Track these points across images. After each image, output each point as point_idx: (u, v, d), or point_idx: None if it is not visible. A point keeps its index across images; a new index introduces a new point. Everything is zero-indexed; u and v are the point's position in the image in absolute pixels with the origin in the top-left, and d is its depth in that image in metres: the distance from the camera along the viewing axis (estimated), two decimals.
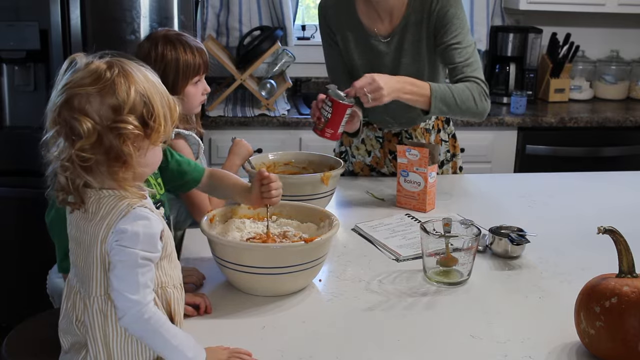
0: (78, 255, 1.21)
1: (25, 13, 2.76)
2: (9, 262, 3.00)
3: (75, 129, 1.13)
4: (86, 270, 1.18)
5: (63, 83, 1.16)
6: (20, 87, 2.89)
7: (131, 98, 1.14)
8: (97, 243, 1.15)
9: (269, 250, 1.46)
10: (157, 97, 1.18)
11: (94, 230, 1.16)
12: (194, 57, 1.79)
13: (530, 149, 3.36)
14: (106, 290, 1.17)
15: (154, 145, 1.19)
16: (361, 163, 2.42)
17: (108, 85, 1.14)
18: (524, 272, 1.65)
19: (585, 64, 3.88)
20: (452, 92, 2.04)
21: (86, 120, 1.12)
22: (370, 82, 1.90)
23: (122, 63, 1.18)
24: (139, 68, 1.20)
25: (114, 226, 1.14)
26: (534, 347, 1.31)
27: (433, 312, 1.46)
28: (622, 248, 1.28)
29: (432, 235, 1.56)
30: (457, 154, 2.44)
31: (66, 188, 1.17)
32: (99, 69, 1.15)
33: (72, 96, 1.14)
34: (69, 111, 1.14)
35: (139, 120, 1.15)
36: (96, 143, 1.13)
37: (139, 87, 1.16)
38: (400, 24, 2.15)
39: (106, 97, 1.14)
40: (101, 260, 1.16)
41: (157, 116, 1.17)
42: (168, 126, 1.20)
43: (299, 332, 1.37)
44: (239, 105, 3.36)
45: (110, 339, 1.18)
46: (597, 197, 2.22)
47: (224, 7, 3.57)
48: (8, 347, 1.54)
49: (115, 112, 1.14)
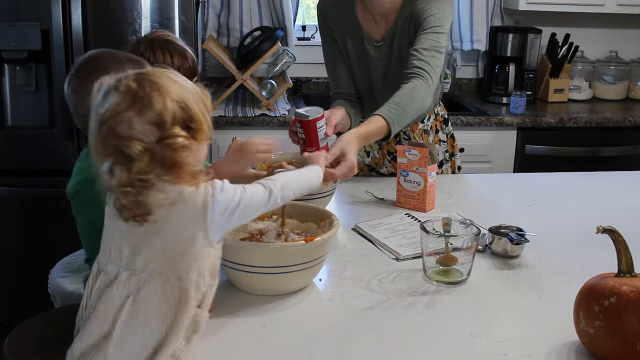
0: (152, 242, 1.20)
1: (27, 13, 2.76)
2: (10, 261, 3.00)
3: (128, 155, 1.15)
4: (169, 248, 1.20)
5: (101, 112, 1.17)
6: (22, 87, 2.90)
7: (170, 109, 1.16)
8: (199, 231, 1.20)
9: (269, 249, 1.47)
10: (191, 97, 1.20)
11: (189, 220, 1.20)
12: (183, 61, 1.79)
13: (530, 149, 3.36)
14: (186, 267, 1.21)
15: (202, 144, 1.22)
16: (361, 163, 2.42)
17: (145, 103, 1.15)
18: (524, 272, 1.66)
19: (585, 64, 3.89)
20: (404, 109, 1.95)
21: (135, 144, 1.14)
22: (350, 171, 1.77)
23: (150, 75, 1.18)
24: (165, 74, 1.20)
25: (211, 198, 1.20)
26: (534, 346, 1.32)
27: (433, 311, 1.47)
28: (621, 247, 1.28)
29: (432, 235, 1.57)
30: (455, 153, 2.45)
31: (129, 208, 1.18)
32: (130, 90, 1.16)
33: (114, 125, 1.15)
34: (116, 140, 1.15)
35: (182, 127, 1.18)
36: (150, 161, 1.16)
37: (173, 96, 1.17)
38: (391, 29, 2.16)
39: (146, 115, 1.15)
40: (202, 240, 1.21)
41: (197, 116, 1.19)
42: (208, 120, 1.23)
43: (299, 332, 1.37)
44: (240, 105, 3.37)
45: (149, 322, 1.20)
46: (597, 197, 2.23)
47: (224, 7, 3.57)
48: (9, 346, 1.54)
49: (158, 127, 1.15)
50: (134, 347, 1.20)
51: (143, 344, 1.20)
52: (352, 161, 1.77)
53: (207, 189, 1.21)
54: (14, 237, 2.98)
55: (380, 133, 1.93)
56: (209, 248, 1.24)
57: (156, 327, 1.20)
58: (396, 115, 1.94)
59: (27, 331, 1.61)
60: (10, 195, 2.92)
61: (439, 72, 2.08)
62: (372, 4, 2.13)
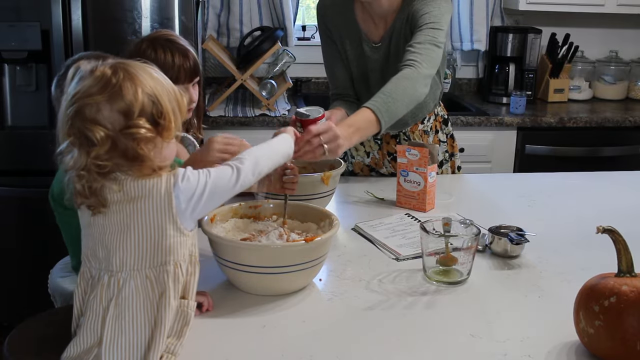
0: (123, 240, 1.21)
1: (27, 13, 2.76)
2: (10, 261, 3.00)
3: (89, 139, 1.15)
4: (141, 244, 1.20)
5: (72, 93, 1.17)
6: (22, 87, 2.90)
7: (139, 100, 1.16)
8: (166, 216, 1.20)
9: (269, 249, 1.47)
10: (165, 94, 1.20)
11: (156, 207, 1.19)
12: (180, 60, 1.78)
13: (530, 149, 3.36)
14: (162, 260, 1.21)
15: (168, 142, 1.22)
16: (361, 163, 2.43)
17: (116, 91, 1.15)
18: (524, 272, 1.66)
19: (585, 64, 3.88)
20: (390, 95, 1.89)
21: (98, 129, 1.15)
22: (327, 130, 1.71)
23: (127, 65, 1.19)
24: (143, 67, 1.21)
25: (174, 186, 1.20)
26: (534, 346, 1.32)
27: (433, 311, 1.47)
28: (621, 247, 1.28)
29: (432, 235, 1.57)
30: (455, 153, 2.45)
31: (83, 193, 1.18)
32: (104, 76, 1.16)
33: (82, 107, 1.16)
34: (81, 122, 1.15)
35: (150, 121, 1.18)
36: (111, 149, 1.16)
37: (145, 88, 1.17)
38: (389, 30, 2.16)
39: (115, 103, 1.15)
40: (173, 230, 1.21)
41: (167, 113, 1.19)
42: (178, 121, 1.22)
43: (299, 332, 1.37)
44: (240, 106, 3.37)
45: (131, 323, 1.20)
46: (597, 197, 2.23)
47: (224, 7, 3.57)
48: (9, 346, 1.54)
49: (125, 116, 1.16)
50: (126, 347, 1.20)
51: (134, 343, 1.20)
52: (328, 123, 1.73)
53: (169, 178, 1.21)
54: (14, 237, 2.98)
55: (369, 123, 1.85)
56: (183, 237, 1.24)
57: (143, 325, 1.20)
58: (383, 104, 1.86)
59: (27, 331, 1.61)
60: (10, 195, 2.92)
61: (435, 63, 2.01)
62: (371, 5, 2.13)
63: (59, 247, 1.88)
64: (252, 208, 1.69)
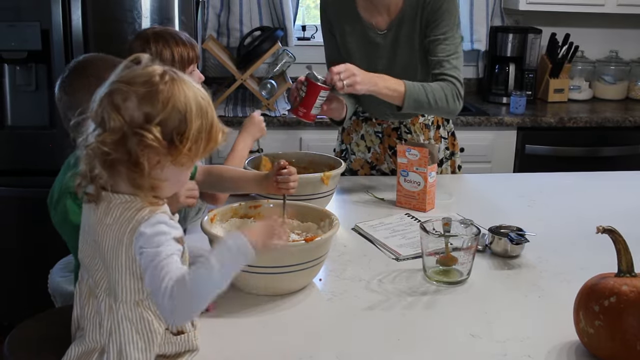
0: (95, 258, 1.19)
1: (27, 13, 2.76)
2: (10, 261, 3.00)
3: (105, 122, 1.12)
4: (113, 275, 1.16)
5: (118, 75, 1.15)
6: (22, 87, 2.90)
7: (167, 111, 1.12)
8: (122, 249, 1.14)
9: None
10: (198, 120, 1.15)
11: (117, 236, 1.14)
12: (186, 48, 1.84)
13: (530, 149, 3.36)
14: (134, 297, 1.16)
15: (175, 165, 1.15)
16: (361, 160, 2.43)
17: (152, 91, 1.12)
18: (524, 272, 1.66)
19: (585, 64, 3.88)
20: (426, 91, 2.08)
21: (116, 117, 1.11)
22: (346, 70, 1.97)
23: (176, 75, 1.16)
24: (194, 86, 1.17)
25: (137, 231, 1.12)
26: (533, 347, 1.32)
27: (433, 311, 1.47)
28: (621, 247, 1.28)
29: (432, 235, 1.57)
30: (456, 152, 2.45)
31: (86, 175, 1.15)
32: (152, 73, 1.14)
33: (115, 90, 1.13)
34: (107, 103, 1.13)
35: (166, 135, 1.12)
36: (119, 142, 1.12)
37: (180, 104, 1.13)
38: (397, 18, 2.18)
39: (144, 103, 1.12)
40: (127, 266, 1.14)
41: (188, 138, 1.13)
42: (197, 153, 1.16)
43: (299, 332, 1.37)
44: (240, 105, 3.37)
45: (124, 346, 1.16)
46: (597, 197, 2.23)
47: (224, 7, 3.57)
48: (10, 346, 1.54)
49: (146, 120, 1.12)
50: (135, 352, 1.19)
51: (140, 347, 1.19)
52: (352, 71, 1.97)
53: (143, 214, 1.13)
54: (14, 237, 2.98)
55: (395, 91, 2.06)
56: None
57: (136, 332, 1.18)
58: (416, 92, 2.07)
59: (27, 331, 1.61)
60: (10, 195, 2.92)
61: (461, 69, 2.19)
62: None
63: (58, 247, 1.88)
64: (252, 208, 1.69)
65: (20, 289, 3.01)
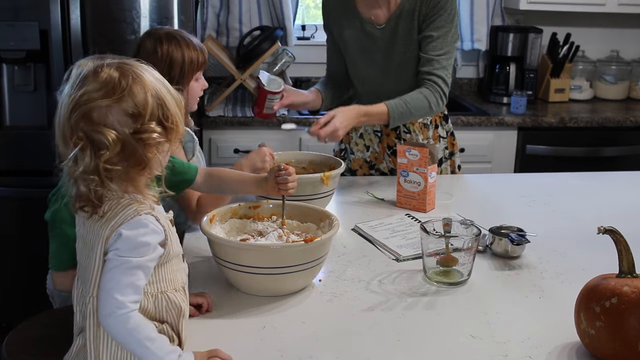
0: (82, 254, 1.21)
1: (25, 13, 2.75)
2: (9, 262, 2.99)
3: (100, 142, 1.12)
4: (88, 269, 1.18)
5: (73, 96, 1.14)
6: (20, 87, 2.89)
7: (149, 104, 1.14)
8: (100, 243, 1.15)
9: (269, 250, 1.46)
10: (169, 97, 1.19)
11: (99, 231, 1.15)
12: (196, 53, 1.83)
13: (531, 149, 3.36)
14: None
15: (173, 146, 1.20)
16: (360, 160, 2.43)
17: (125, 94, 1.13)
18: (524, 272, 1.65)
19: (586, 64, 3.88)
20: (409, 106, 2.15)
21: (109, 132, 1.12)
22: (334, 131, 2.02)
23: (133, 67, 1.17)
24: (147, 70, 1.19)
25: (117, 229, 1.14)
26: (534, 347, 1.31)
27: (433, 312, 1.46)
28: (622, 248, 1.28)
29: (432, 235, 1.56)
30: (455, 152, 2.45)
31: (86, 197, 1.15)
32: (112, 79, 1.14)
33: (89, 110, 1.13)
34: (89, 125, 1.12)
35: (158, 124, 1.16)
36: (121, 152, 1.13)
37: (152, 92, 1.16)
38: (396, 12, 2.20)
39: (124, 106, 1.13)
40: (99, 261, 1.16)
41: (172, 116, 1.18)
42: (182, 124, 1.21)
43: (298, 332, 1.37)
44: (239, 105, 3.36)
45: (100, 342, 1.17)
46: (597, 197, 2.22)
47: (224, 7, 3.57)
48: (8, 347, 1.54)
49: (134, 119, 1.13)
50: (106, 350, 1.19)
51: None
52: (334, 125, 2.02)
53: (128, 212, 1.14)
54: (14, 237, 2.97)
55: (380, 118, 2.15)
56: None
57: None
58: (399, 112, 2.14)
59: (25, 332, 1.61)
60: (10, 196, 2.92)
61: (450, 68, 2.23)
62: None
63: None
64: (251, 208, 1.69)
65: (19, 289, 3.01)
